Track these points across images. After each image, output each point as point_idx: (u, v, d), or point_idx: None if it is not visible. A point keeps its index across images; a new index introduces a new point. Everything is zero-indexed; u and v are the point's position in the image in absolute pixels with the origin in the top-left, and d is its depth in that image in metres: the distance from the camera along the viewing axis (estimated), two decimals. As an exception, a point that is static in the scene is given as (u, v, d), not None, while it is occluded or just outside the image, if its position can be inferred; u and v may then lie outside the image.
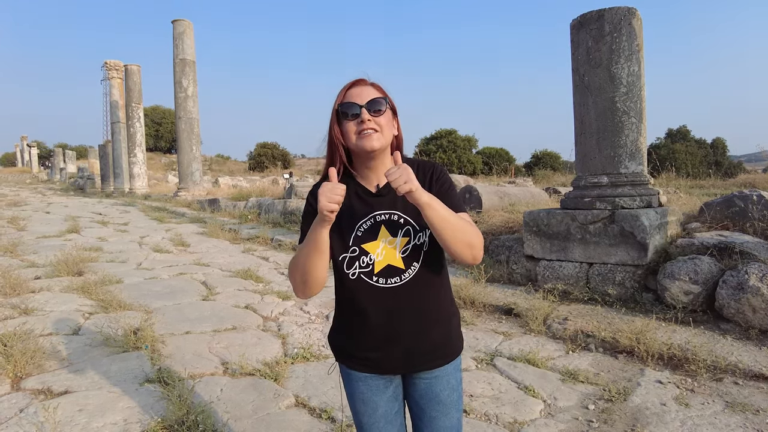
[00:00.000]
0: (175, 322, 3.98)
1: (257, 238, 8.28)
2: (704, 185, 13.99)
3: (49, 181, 36.81)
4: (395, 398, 1.42)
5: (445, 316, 1.40)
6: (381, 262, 1.29)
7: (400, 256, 1.30)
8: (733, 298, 3.33)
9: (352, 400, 1.43)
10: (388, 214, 1.31)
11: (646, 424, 2.38)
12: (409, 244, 1.30)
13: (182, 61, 16.54)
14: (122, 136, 22.56)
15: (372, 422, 1.40)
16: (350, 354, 1.40)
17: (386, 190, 1.32)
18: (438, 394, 1.38)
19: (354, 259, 1.30)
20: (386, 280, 1.30)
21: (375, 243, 1.30)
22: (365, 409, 1.40)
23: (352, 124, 1.27)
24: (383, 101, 1.29)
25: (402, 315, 1.32)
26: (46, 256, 6.61)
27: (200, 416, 2.34)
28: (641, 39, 4.33)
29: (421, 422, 1.41)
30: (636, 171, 4.35)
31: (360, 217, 1.31)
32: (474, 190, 7.18)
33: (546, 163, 32.78)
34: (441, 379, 1.38)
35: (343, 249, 1.30)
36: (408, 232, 1.30)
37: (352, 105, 1.27)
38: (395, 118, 1.36)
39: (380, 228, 1.30)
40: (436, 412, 1.39)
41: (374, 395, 1.39)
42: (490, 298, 4.29)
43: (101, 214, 13.34)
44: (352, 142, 1.29)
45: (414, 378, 1.40)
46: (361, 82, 1.32)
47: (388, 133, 1.30)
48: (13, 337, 3.19)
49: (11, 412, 2.50)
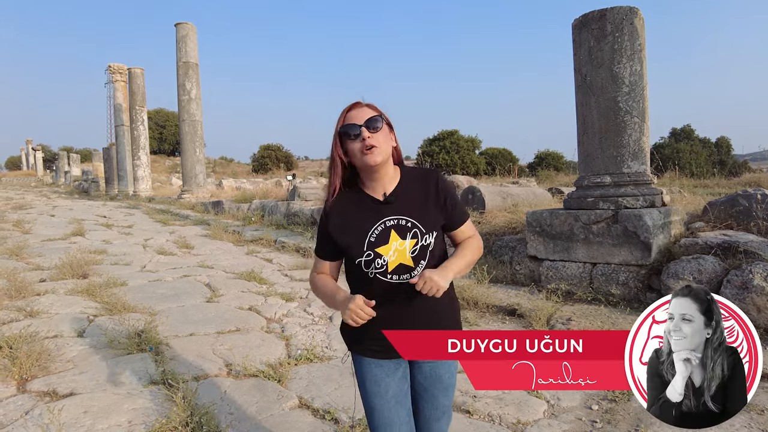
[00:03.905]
0: (179, 323, 4.00)
1: (261, 240, 8.29)
2: (708, 184, 13.95)
3: (53, 184, 37.02)
4: (404, 379, 1.55)
5: (448, 306, 1.57)
6: (393, 262, 1.45)
7: (410, 255, 1.46)
8: (738, 298, 3.32)
9: (364, 383, 1.54)
10: (396, 219, 1.47)
11: (649, 424, 2.37)
12: (417, 245, 1.46)
13: (185, 64, 16.60)
14: (126, 139, 22.67)
15: (384, 402, 1.51)
16: (363, 340, 1.52)
17: (393, 197, 1.48)
18: (441, 376, 1.55)
19: (369, 262, 1.45)
20: (399, 277, 1.46)
21: (387, 246, 1.45)
22: (378, 390, 1.51)
23: (355, 144, 1.43)
24: (379, 118, 1.46)
25: (414, 304, 1.48)
26: (51, 258, 6.64)
27: (204, 418, 2.35)
28: (643, 38, 4.33)
29: (423, 400, 1.58)
30: (639, 171, 4.34)
31: (371, 224, 1.46)
32: (477, 190, 7.17)
33: (549, 164, 32.72)
34: (444, 363, 1.55)
35: (358, 254, 1.45)
36: (416, 235, 1.46)
37: (353, 126, 1.43)
38: (392, 132, 1.52)
39: (390, 232, 1.46)
40: (438, 391, 1.56)
41: (386, 376, 1.51)
42: (493, 299, 4.28)
43: (105, 216, 13.40)
44: (357, 160, 1.45)
45: (420, 362, 1.55)
46: (357, 105, 1.48)
47: (386, 147, 1.46)
48: (19, 339, 3.21)
49: (17, 414, 2.51)
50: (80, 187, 29.44)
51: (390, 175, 1.50)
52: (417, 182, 1.52)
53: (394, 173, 1.52)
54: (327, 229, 1.52)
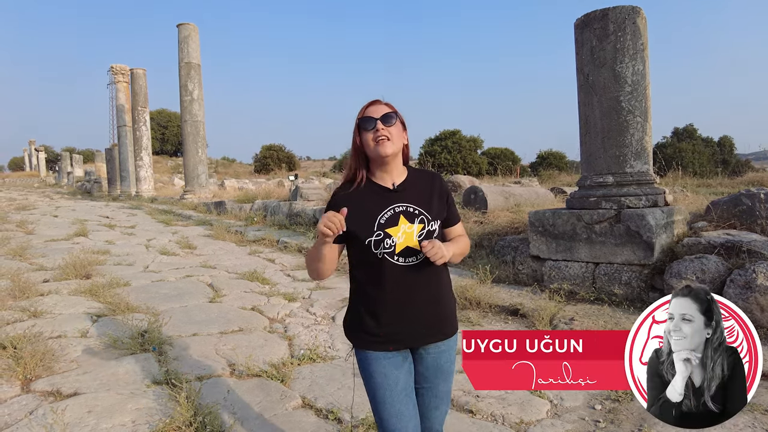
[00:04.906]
0: (182, 324, 4.01)
1: (263, 240, 8.31)
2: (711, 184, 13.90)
3: (56, 185, 37.12)
4: (410, 373, 1.62)
5: (449, 296, 1.68)
6: (401, 244, 1.55)
7: (417, 239, 1.56)
8: (741, 297, 3.31)
9: (371, 378, 1.58)
10: (404, 206, 1.59)
11: (653, 424, 2.37)
12: (424, 230, 1.57)
13: (188, 64, 16.63)
14: (129, 139, 22.72)
15: (394, 395, 1.55)
16: (369, 333, 1.57)
17: (402, 187, 1.62)
18: (442, 365, 1.64)
19: (379, 242, 1.54)
20: (405, 259, 1.56)
21: (396, 228, 1.56)
22: (387, 383, 1.56)
23: (370, 135, 1.57)
24: (394, 115, 1.60)
25: (418, 287, 1.58)
26: (54, 259, 6.67)
27: (208, 417, 2.36)
28: (646, 38, 4.32)
29: (423, 389, 1.65)
30: (641, 170, 4.33)
31: (381, 209, 1.57)
32: (479, 190, 7.17)
33: (551, 163, 32.64)
34: (445, 352, 1.64)
35: (369, 233, 1.54)
36: (423, 221, 1.58)
37: (370, 119, 1.58)
38: (405, 131, 1.66)
39: (399, 217, 1.57)
40: (439, 379, 1.64)
41: (395, 369, 1.57)
42: (495, 299, 4.28)
43: (108, 217, 13.44)
44: (370, 149, 1.58)
45: (423, 352, 1.62)
46: (376, 102, 1.63)
47: (398, 141, 1.60)
48: (23, 339, 3.23)
49: (21, 414, 2.53)
50: (83, 187, 29.52)
51: (399, 169, 1.64)
52: (422, 179, 1.67)
53: (403, 169, 1.66)
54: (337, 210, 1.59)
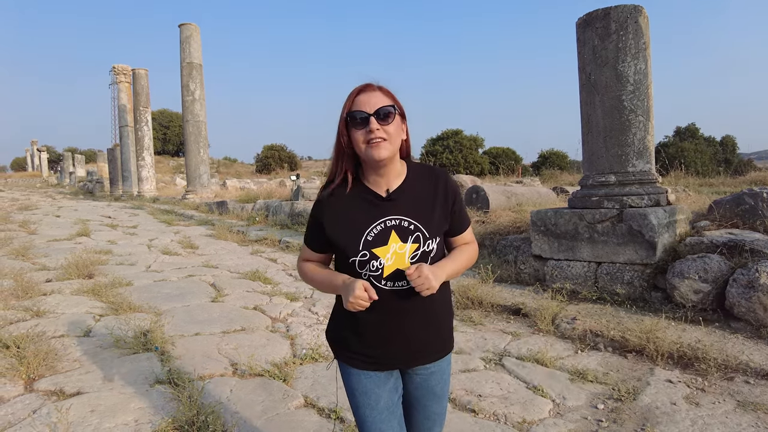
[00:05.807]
0: (185, 323, 4.01)
1: (265, 239, 8.31)
2: (714, 183, 13.87)
3: (58, 185, 37.17)
4: (395, 389, 1.45)
5: (443, 317, 1.45)
6: (390, 267, 1.30)
7: (409, 261, 1.31)
8: (744, 297, 3.30)
9: (353, 395, 1.43)
10: (398, 219, 1.31)
11: (656, 423, 2.37)
12: (418, 251, 1.32)
13: (189, 64, 16.64)
14: (130, 139, 22.74)
15: (375, 415, 1.40)
16: (351, 349, 1.41)
17: (396, 194, 1.33)
18: (432, 387, 1.46)
19: (364, 263, 1.30)
20: (394, 284, 1.32)
21: (385, 248, 1.29)
22: (367, 402, 1.40)
23: (361, 133, 1.26)
24: (392, 109, 1.28)
25: (405, 315, 1.36)
26: (56, 259, 6.68)
27: (210, 417, 2.36)
28: (648, 37, 4.31)
29: (414, 409, 1.50)
30: (644, 169, 4.32)
31: (370, 222, 1.31)
32: (481, 190, 7.17)
33: (553, 163, 32.62)
34: (436, 374, 1.46)
35: (353, 252, 1.30)
36: (418, 239, 1.31)
37: (361, 113, 1.26)
38: (404, 122, 1.35)
39: (390, 233, 1.30)
40: (429, 401, 1.48)
41: (376, 387, 1.40)
42: (498, 299, 4.28)
43: (110, 217, 13.46)
44: (361, 151, 1.28)
45: (411, 373, 1.46)
46: (368, 88, 1.30)
47: (396, 140, 1.30)
48: (26, 339, 3.23)
49: (24, 413, 2.53)
50: (85, 187, 29.56)
51: (396, 171, 1.34)
52: (424, 180, 1.37)
53: (401, 168, 1.36)
54: (320, 220, 1.37)
